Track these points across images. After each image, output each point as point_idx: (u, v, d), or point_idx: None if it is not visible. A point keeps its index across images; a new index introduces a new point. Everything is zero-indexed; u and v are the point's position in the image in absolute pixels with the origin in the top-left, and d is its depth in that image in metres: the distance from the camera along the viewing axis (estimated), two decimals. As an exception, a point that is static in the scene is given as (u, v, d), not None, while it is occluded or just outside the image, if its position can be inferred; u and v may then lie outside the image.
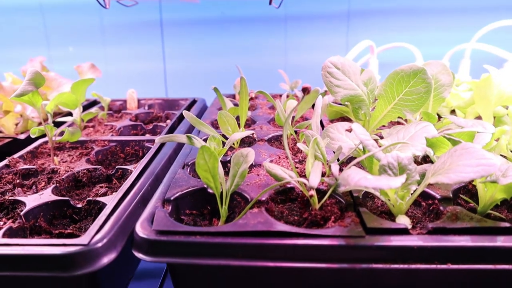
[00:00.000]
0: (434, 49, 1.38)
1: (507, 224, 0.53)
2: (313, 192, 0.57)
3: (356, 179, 0.51)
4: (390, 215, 0.61)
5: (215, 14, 1.54)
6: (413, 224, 0.59)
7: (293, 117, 0.85)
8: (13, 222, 0.61)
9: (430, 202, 0.62)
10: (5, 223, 0.62)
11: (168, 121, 1.07)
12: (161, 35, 1.57)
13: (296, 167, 0.74)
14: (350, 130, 0.67)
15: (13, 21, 1.62)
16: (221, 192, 0.60)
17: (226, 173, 0.71)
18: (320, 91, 0.76)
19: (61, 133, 0.86)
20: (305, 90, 0.53)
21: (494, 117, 0.83)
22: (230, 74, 1.58)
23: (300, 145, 0.66)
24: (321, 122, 1.01)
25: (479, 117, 0.91)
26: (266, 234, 0.53)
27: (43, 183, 0.74)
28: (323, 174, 0.68)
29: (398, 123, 0.94)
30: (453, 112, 1.02)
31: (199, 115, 1.12)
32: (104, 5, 0.95)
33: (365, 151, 0.66)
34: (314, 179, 0.56)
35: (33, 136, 0.81)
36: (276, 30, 1.53)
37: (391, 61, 1.34)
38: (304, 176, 0.66)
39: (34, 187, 0.73)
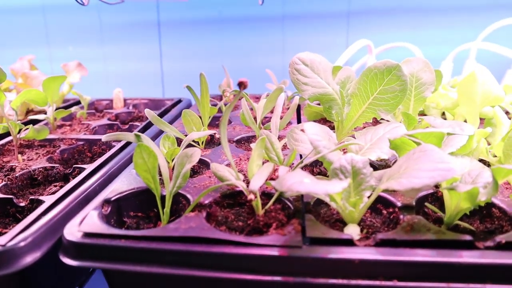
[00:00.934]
0: (438, 49, 1.30)
1: (467, 238, 0.47)
2: (252, 196, 0.52)
3: (290, 182, 0.46)
4: (345, 224, 0.55)
5: (213, 13, 1.51)
6: (367, 234, 0.53)
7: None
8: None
9: (390, 210, 0.56)
10: None
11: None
12: (159, 35, 1.56)
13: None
14: (303, 130, 0.62)
15: (15, 21, 1.64)
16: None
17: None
18: (285, 89, 0.71)
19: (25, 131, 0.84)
20: (241, 85, 0.49)
21: (483, 119, 0.76)
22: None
23: (253, 145, 0.62)
24: (300, 123, 0.96)
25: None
26: (201, 241, 0.49)
27: (0, 180, 0.72)
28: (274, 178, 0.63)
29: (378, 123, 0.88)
30: (444, 114, 0.94)
31: (180, 115, 1.09)
32: (82, 2, 0.94)
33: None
34: (256, 182, 0.52)
35: (-3, 133, 0.80)
36: (274, 29, 1.49)
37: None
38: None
39: (-9, 184, 0.72)
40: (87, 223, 0.52)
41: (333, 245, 0.48)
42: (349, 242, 0.48)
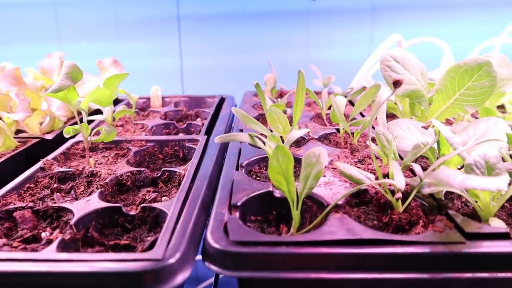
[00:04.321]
0: (461, 44, 1.34)
1: None
2: (400, 195, 0.52)
3: (459, 179, 0.46)
4: (473, 218, 0.56)
5: (236, 8, 1.48)
6: (504, 227, 0.55)
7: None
8: (61, 232, 0.55)
9: (514, 203, 0.58)
10: (51, 233, 0.56)
11: (199, 119, 1.01)
12: (178, 30, 1.51)
13: (357, 167, 0.69)
14: (426, 127, 0.63)
15: (24, 15, 1.54)
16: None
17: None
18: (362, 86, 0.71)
19: (94, 133, 0.80)
20: (397, 84, 0.48)
21: None
22: (248, 71, 1.53)
23: (370, 143, 0.62)
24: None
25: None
26: (349, 243, 0.48)
27: (82, 188, 0.68)
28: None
29: (447, 120, 0.90)
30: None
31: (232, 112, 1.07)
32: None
33: (441, 149, 0.62)
34: (401, 180, 0.52)
35: (66, 136, 0.75)
36: (298, 25, 1.48)
37: (417, 56, 1.30)
38: (377, 178, 0.62)
39: (72, 192, 0.67)
40: (234, 230, 0.50)
41: (491, 239, 0.48)
42: (506, 236, 0.49)
